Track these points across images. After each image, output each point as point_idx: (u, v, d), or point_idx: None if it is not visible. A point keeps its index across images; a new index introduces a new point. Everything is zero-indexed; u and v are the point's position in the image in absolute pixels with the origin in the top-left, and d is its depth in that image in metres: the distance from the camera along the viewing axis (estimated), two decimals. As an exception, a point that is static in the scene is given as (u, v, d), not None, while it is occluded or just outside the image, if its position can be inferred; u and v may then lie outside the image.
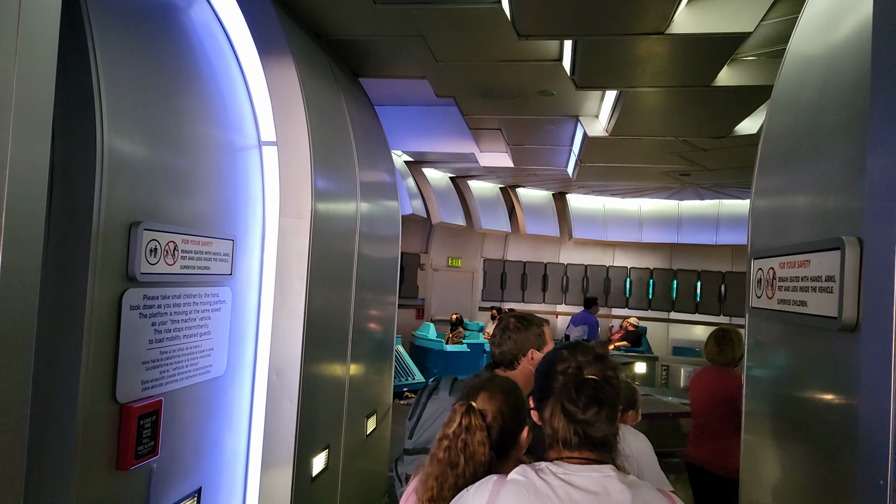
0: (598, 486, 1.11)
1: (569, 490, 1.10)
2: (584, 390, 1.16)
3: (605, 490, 1.10)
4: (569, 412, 1.15)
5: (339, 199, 3.47)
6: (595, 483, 1.11)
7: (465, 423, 1.30)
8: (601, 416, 1.14)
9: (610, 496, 1.09)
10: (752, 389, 2.02)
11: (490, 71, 3.79)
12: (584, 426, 1.14)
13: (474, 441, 1.28)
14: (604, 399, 1.15)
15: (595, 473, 1.13)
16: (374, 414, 4.21)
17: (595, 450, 1.16)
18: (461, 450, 1.28)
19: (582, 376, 1.18)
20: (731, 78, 3.50)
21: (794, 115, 1.92)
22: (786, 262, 1.73)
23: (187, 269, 2.34)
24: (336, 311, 3.42)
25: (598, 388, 1.16)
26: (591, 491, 1.10)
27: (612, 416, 1.15)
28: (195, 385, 2.45)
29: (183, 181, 2.36)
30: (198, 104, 2.52)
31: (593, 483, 1.11)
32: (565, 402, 1.16)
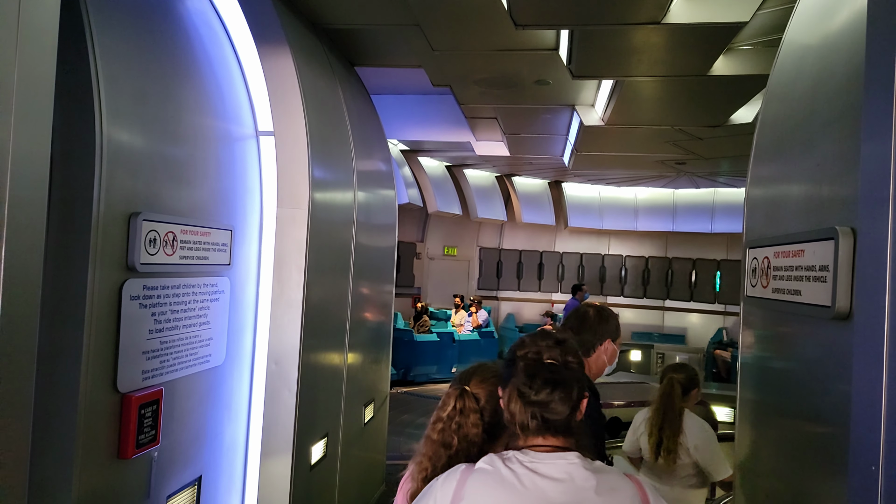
0: (564, 473, 1.12)
1: (534, 478, 1.11)
2: (539, 373, 1.17)
3: (570, 477, 1.11)
4: (523, 394, 1.17)
5: (337, 188, 3.47)
6: (560, 470, 1.12)
7: (459, 405, 1.33)
8: (554, 396, 1.15)
9: (575, 483, 1.11)
10: (746, 377, 2.05)
11: (486, 60, 3.78)
12: (539, 408, 1.15)
13: (468, 423, 1.31)
14: (558, 381, 1.16)
15: (560, 461, 1.14)
16: (372, 402, 4.24)
17: (559, 435, 1.17)
18: (455, 431, 1.31)
19: (540, 360, 1.19)
20: (727, 67, 3.50)
21: (790, 105, 1.93)
22: (780, 251, 1.75)
23: (186, 259, 2.35)
24: (334, 301, 3.44)
25: (554, 371, 1.17)
26: (556, 478, 1.11)
27: (566, 398, 1.16)
28: (195, 374, 2.46)
29: (181, 172, 2.36)
30: (195, 94, 2.51)
31: (558, 470, 1.12)
32: (520, 384, 1.17)
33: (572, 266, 12.42)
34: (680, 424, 2.72)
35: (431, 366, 9.08)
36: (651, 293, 12.20)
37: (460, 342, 9.54)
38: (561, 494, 1.09)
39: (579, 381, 1.20)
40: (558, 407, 1.15)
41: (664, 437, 2.71)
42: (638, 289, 12.25)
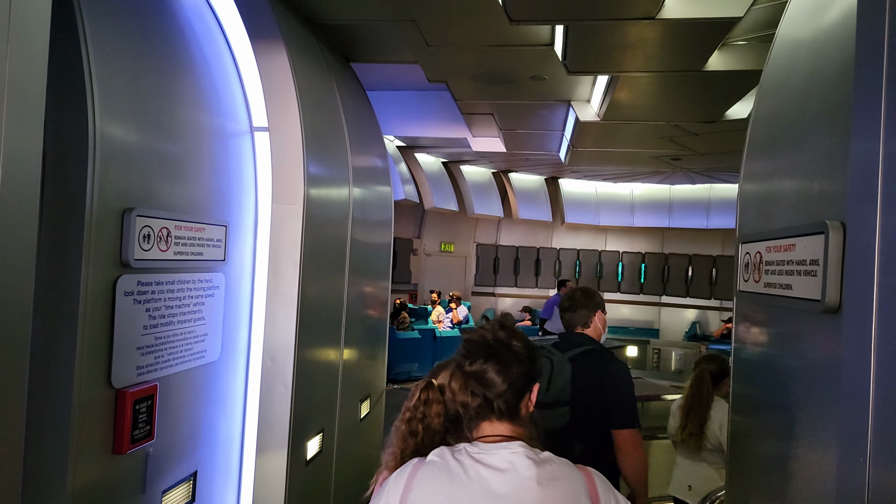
0: (506, 462, 1.13)
1: (479, 469, 1.13)
2: (477, 348, 1.22)
3: (512, 467, 1.13)
4: (460, 365, 1.22)
5: (332, 184, 3.47)
6: (503, 460, 1.14)
7: (423, 397, 1.37)
8: (488, 367, 1.19)
9: (517, 472, 1.12)
10: (739, 371, 2.06)
11: (482, 56, 3.78)
12: (475, 380, 1.20)
13: (431, 412, 1.34)
14: (493, 354, 1.20)
15: (504, 451, 1.16)
16: (368, 398, 4.25)
17: (504, 420, 1.21)
18: (419, 420, 1.35)
19: (482, 339, 1.23)
20: (722, 63, 3.51)
21: (782, 101, 1.94)
22: (772, 245, 1.76)
23: (181, 255, 2.34)
24: (329, 296, 3.44)
25: (490, 346, 1.21)
26: (499, 468, 1.13)
27: (503, 371, 1.19)
28: (190, 370, 2.46)
29: (175, 167, 2.36)
30: (189, 90, 2.50)
31: (501, 460, 1.14)
32: (459, 359, 1.23)
33: (569, 262, 12.44)
34: (707, 412, 2.92)
35: (413, 363, 8.99)
36: (648, 289, 12.23)
37: (441, 339, 9.33)
38: (503, 485, 1.11)
39: (522, 364, 1.21)
40: (494, 378, 1.19)
41: (689, 422, 2.94)
42: (635, 285, 12.29)
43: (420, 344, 9.17)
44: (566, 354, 2.37)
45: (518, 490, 1.10)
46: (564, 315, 2.55)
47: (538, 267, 12.51)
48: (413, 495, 1.14)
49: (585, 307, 2.50)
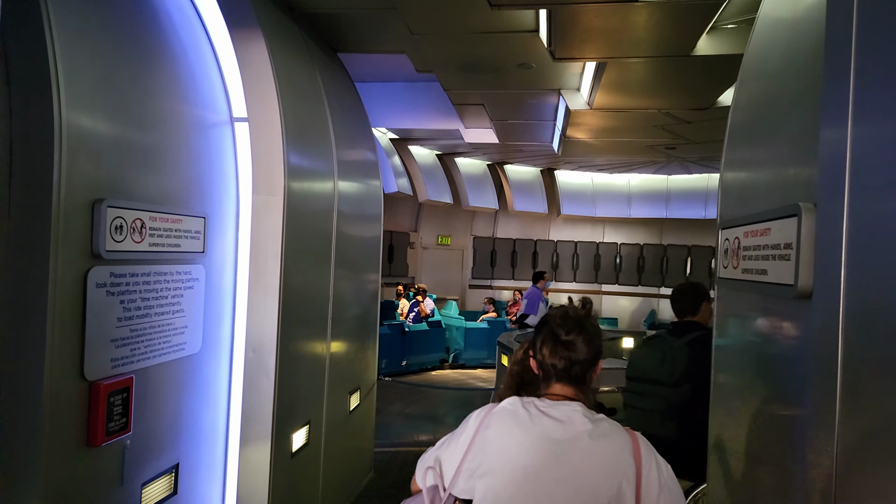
0: (566, 416, 1.34)
1: (541, 418, 1.34)
2: (569, 320, 1.43)
3: (570, 420, 1.33)
4: (555, 334, 1.42)
5: (315, 176, 3.43)
6: (563, 414, 1.35)
7: (522, 355, 1.77)
8: (580, 338, 1.39)
9: (574, 424, 1.33)
10: (720, 359, 2.03)
11: (467, 43, 3.73)
12: (566, 348, 1.39)
13: (529, 364, 1.58)
14: (584, 327, 1.41)
15: (565, 407, 1.36)
16: (358, 390, 4.23)
17: (573, 385, 1.41)
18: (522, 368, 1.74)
19: (568, 314, 1.45)
20: (711, 47, 3.46)
21: (762, 84, 1.91)
22: (749, 230, 1.73)
23: (156, 246, 2.32)
24: (314, 289, 3.41)
25: (581, 320, 1.43)
26: (559, 420, 1.34)
27: (589, 341, 1.40)
28: (169, 362, 2.44)
29: (150, 158, 2.33)
30: (165, 80, 2.47)
31: (562, 414, 1.35)
32: (554, 327, 1.43)
33: (567, 254, 12.41)
34: None
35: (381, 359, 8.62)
36: (646, 280, 12.20)
37: (411, 334, 8.92)
38: (560, 433, 1.32)
39: (598, 340, 1.42)
40: (583, 347, 1.39)
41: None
42: (633, 276, 12.26)
43: (391, 340, 8.41)
44: (682, 339, 2.72)
45: (572, 439, 1.31)
46: (676, 306, 2.90)
47: (535, 259, 12.48)
48: (488, 432, 1.38)
49: (694, 298, 2.85)
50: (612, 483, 1.27)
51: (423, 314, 9.89)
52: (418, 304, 9.90)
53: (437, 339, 9.63)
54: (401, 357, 8.75)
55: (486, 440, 1.37)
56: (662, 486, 1.30)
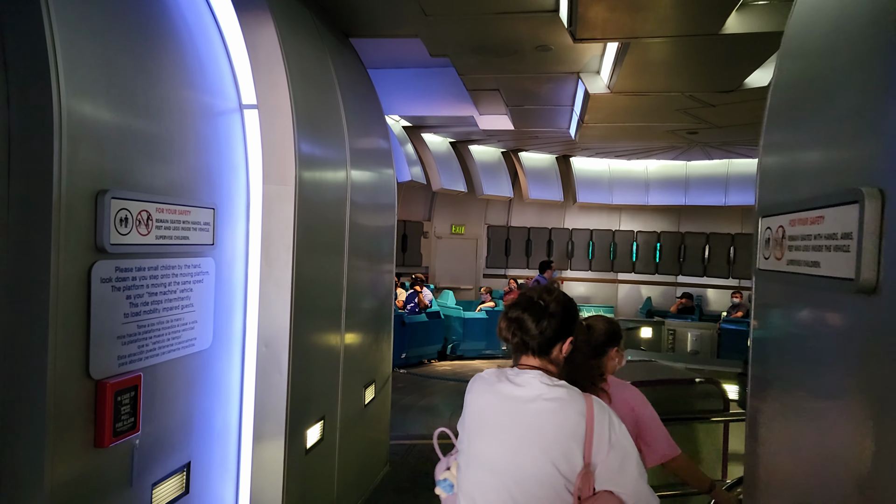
0: (525, 381, 1.52)
1: (507, 384, 1.54)
2: (520, 301, 1.60)
3: (528, 384, 1.51)
4: (505, 313, 1.62)
5: (327, 165, 3.33)
6: (524, 380, 1.52)
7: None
8: (525, 315, 1.55)
9: (531, 388, 1.50)
10: (758, 355, 1.90)
11: (483, 25, 3.59)
12: (515, 324, 1.57)
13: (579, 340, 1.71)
14: (530, 306, 1.56)
15: (527, 374, 1.53)
16: (373, 384, 4.15)
17: (536, 356, 1.56)
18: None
19: (525, 296, 1.60)
20: (741, 25, 3.28)
21: (806, 60, 1.76)
22: (796, 218, 1.59)
23: (164, 239, 2.23)
24: (328, 280, 3.32)
25: (531, 302, 1.58)
26: (519, 385, 1.52)
27: (535, 319, 1.54)
28: (179, 359, 2.36)
29: (156, 147, 2.23)
30: (171, 65, 2.37)
31: (523, 380, 1.52)
32: (507, 308, 1.62)
33: (582, 243, 12.24)
34: None
35: None
36: (663, 269, 11.99)
37: (411, 326, 8.67)
38: (518, 395, 1.50)
39: (555, 316, 1.55)
40: (529, 324, 1.54)
41: None
42: (650, 265, 12.05)
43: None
44: None
45: (528, 400, 1.48)
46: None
47: (550, 248, 12.32)
48: (469, 395, 1.63)
49: None
50: (561, 440, 1.42)
51: (422, 305, 9.43)
52: (416, 295, 9.37)
53: (435, 330, 9.38)
54: (400, 349, 8.52)
55: (468, 401, 1.63)
56: (613, 445, 1.42)
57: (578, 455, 1.41)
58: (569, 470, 1.41)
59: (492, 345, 9.89)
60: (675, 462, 2.17)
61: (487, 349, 9.88)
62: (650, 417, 2.16)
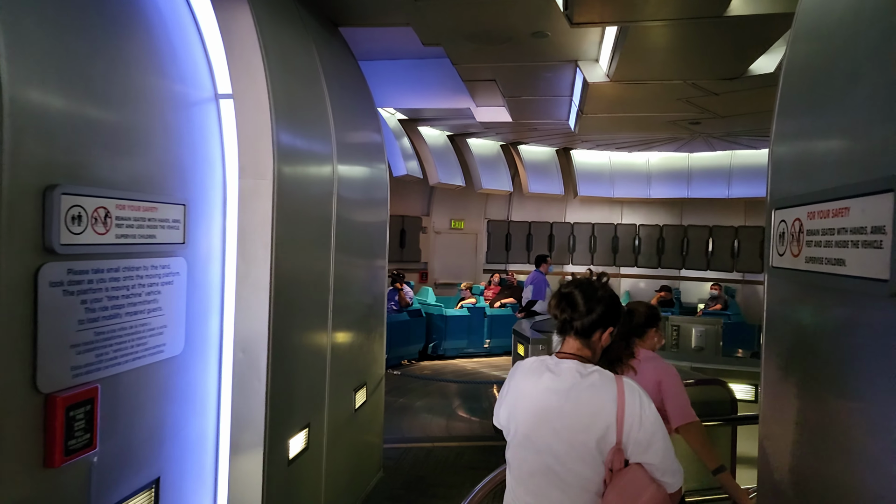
0: (562, 371, 1.65)
1: (546, 372, 1.68)
2: (575, 280, 1.74)
3: (565, 374, 1.64)
4: (559, 289, 1.75)
5: (310, 158, 3.15)
6: (561, 370, 1.66)
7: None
8: (577, 292, 1.68)
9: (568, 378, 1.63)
10: (772, 362, 1.73)
11: (475, 10, 3.40)
12: (566, 301, 1.69)
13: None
14: (581, 284, 1.71)
15: (564, 364, 1.66)
16: (364, 386, 3.99)
17: (577, 339, 1.69)
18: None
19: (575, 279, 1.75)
20: (746, 6, 3.09)
21: (822, 40, 1.60)
22: (816, 210, 1.42)
23: (125, 238, 2.06)
24: (311, 280, 3.15)
25: (581, 282, 1.73)
26: (555, 372, 1.66)
27: (586, 297, 1.67)
28: (145, 367, 2.20)
29: (118, 138, 2.06)
30: (137, 51, 2.20)
31: (560, 370, 1.66)
32: (562, 285, 1.76)
33: (584, 237, 12.05)
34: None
35: None
36: (666, 262, 11.80)
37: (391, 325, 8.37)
38: (557, 384, 1.63)
39: (602, 303, 1.67)
40: (579, 300, 1.66)
41: None
42: (652, 258, 11.86)
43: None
44: None
45: (567, 389, 1.61)
46: None
47: (552, 242, 12.13)
48: (512, 382, 1.77)
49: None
50: (599, 423, 1.56)
51: (404, 303, 8.92)
52: (397, 293, 8.78)
53: (417, 329, 9.00)
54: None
55: (511, 387, 1.77)
56: (643, 423, 1.55)
57: (612, 433, 1.55)
58: (603, 447, 1.56)
59: (473, 343, 9.62)
60: (691, 429, 2.37)
61: (469, 347, 9.60)
62: (673, 385, 2.39)
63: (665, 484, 1.57)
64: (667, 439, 1.58)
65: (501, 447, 1.79)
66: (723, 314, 9.68)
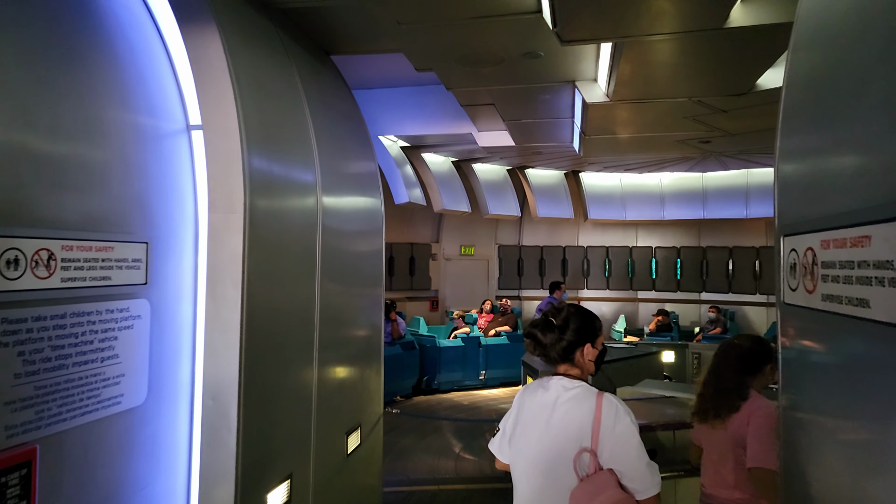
0: (550, 386, 1.89)
1: (539, 388, 1.92)
2: (533, 322, 1.98)
3: (551, 389, 1.88)
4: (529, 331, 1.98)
5: (290, 188, 3.00)
6: (549, 385, 1.90)
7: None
8: (535, 332, 1.93)
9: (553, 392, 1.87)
10: (789, 421, 1.49)
11: (463, 31, 3.27)
12: (532, 340, 1.95)
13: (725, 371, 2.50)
14: (538, 324, 1.95)
15: (554, 380, 1.90)
16: (358, 428, 3.76)
17: (560, 363, 1.92)
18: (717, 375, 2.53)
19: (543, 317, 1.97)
20: (747, 16, 2.90)
21: (825, 48, 1.43)
22: (830, 238, 1.20)
23: (73, 282, 1.91)
24: (294, 316, 2.97)
25: (539, 320, 1.97)
26: (547, 389, 1.89)
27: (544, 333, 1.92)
28: (97, 422, 2.02)
29: (67, 174, 1.92)
30: (93, 82, 2.08)
31: (549, 385, 1.90)
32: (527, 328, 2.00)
33: (598, 261, 11.77)
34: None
35: None
36: (685, 286, 11.45)
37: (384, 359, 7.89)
38: (545, 398, 1.88)
39: (564, 329, 1.89)
40: (541, 337, 1.91)
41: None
42: (671, 282, 11.52)
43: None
44: None
45: (552, 403, 1.84)
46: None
47: (565, 267, 11.86)
48: (517, 400, 2.01)
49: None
50: (576, 433, 1.76)
51: (397, 335, 8.37)
52: (390, 324, 8.16)
53: (410, 362, 8.52)
54: None
55: (516, 405, 2.00)
56: (615, 432, 1.72)
57: (587, 439, 1.74)
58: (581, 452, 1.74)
59: (468, 375, 9.24)
60: (762, 476, 2.20)
61: (465, 380, 9.19)
62: (761, 425, 2.26)
63: (633, 490, 1.70)
64: (639, 449, 1.73)
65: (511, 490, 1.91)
66: (723, 338, 9.42)
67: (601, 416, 1.74)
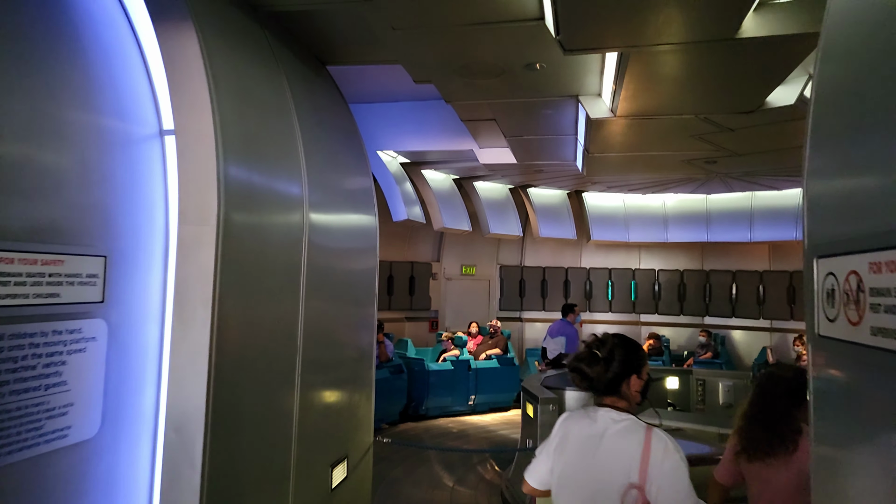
0: (597, 418, 1.91)
1: (587, 419, 1.93)
2: (578, 355, 1.99)
3: (599, 420, 1.90)
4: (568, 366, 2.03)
5: (273, 201, 2.80)
6: (597, 417, 1.91)
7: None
8: (581, 364, 1.94)
9: (601, 424, 1.89)
10: (822, 478, 1.27)
11: (462, 40, 3.11)
12: (577, 373, 1.96)
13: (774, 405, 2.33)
14: (585, 357, 1.95)
15: (601, 412, 1.92)
16: (345, 460, 3.51)
17: (606, 395, 1.93)
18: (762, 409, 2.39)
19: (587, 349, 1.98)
20: (761, 27, 2.73)
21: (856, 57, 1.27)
22: (882, 260, 1.00)
23: (10, 299, 1.70)
24: (273, 338, 2.75)
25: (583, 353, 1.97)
26: (594, 420, 1.91)
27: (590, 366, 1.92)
28: (38, 457, 1.80)
29: (8, 177, 1.74)
30: (49, 78, 1.91)
31: (596, 417, 1.91)
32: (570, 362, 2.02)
33: (601, 283, 11.53)
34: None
35: None
36: (688, 309, 11.20)
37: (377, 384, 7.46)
38: (592, 430, 1.89)
39: (610, 361, 1.90)
40: (588, 371, 1.92)
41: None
42: (674, 305, 11.27)
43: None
44: None
45: (599, 435, 1.87)
46: None
47: (567, 289, 11.63)
48: (560, 428, 2.02)
49: None
50: (624, 467, 1.77)
51: (384, 358, 8.05)
52: (378, 346, 7.84)
53: (398, 386, 8.16)
54: None
55: (558, 433, 2.00)
56: (663, 468, 1.72)
57: (635, 474, 1.74)
58: (629, 486, 1.73)
59: (457, 400, 8.90)
60: None
61: (454, 405, 8.86)
62: None
63: None
64: (688, 487, 1.71)
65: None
66: (714, 363, 9.17)
67: (650, 451, 1.74)
